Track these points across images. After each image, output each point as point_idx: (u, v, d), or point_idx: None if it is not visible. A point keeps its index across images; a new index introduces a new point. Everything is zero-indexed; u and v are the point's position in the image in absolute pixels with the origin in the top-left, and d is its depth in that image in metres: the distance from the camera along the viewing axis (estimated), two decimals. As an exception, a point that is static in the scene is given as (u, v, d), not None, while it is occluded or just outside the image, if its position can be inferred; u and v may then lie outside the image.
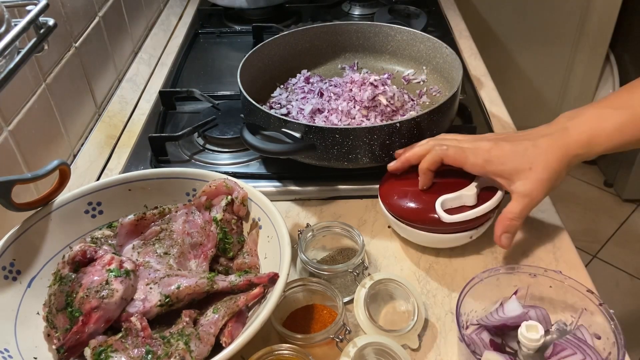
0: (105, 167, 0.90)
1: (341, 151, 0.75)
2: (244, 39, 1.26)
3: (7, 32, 0.53)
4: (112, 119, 1.01)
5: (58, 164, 0.64)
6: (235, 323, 0.58)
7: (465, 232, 0.69)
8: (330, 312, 0.63)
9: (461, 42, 1.21)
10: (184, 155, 0.90)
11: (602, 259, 2.03)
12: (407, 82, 0.99)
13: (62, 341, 0.56)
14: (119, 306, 0.57)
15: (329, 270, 0.65)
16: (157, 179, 0.71)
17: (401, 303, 0.67)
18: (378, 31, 1.01)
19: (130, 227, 0.66)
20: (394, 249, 0.75)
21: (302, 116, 0.87)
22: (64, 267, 0.61)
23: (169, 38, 1.28)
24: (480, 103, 1.00)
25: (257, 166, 0.87)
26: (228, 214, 0.68)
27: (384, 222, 0.78)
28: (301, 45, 1.01)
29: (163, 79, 1.11)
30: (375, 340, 0.58)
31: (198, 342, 0.55)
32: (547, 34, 2.11)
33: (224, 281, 0.60)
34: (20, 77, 0.77)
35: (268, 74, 0.97)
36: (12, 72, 0.54)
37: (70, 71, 0.92)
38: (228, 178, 0.70)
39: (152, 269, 0.62)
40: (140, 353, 0.54)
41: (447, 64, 0.93)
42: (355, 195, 0.82)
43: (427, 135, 0.78)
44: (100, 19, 1.05)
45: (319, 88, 0.92)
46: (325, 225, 0.70)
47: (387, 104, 0.85)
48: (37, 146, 0.81)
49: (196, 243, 0.66)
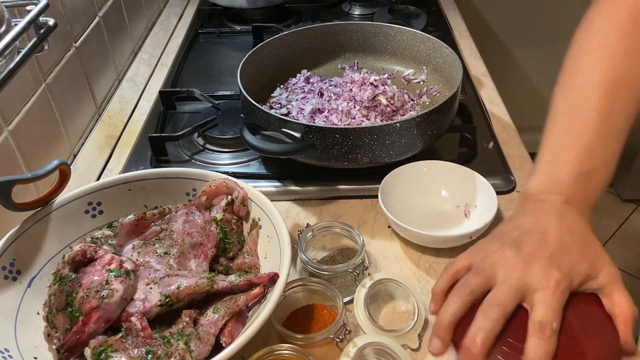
0: (105, 167, 0.90)
1: (341, 151, 0.75)
2: (244, 39, 1.26)
3: (7, 32, 0.53)
4: (112, 119, 1.01)
5: (58, 164, 0.64)
6: (235, 323, 0.58)
7: (465, 232, 0.69)
8: (330, 312, 0.63)
9: (461, 42, 1.21)
10: (184, 155, 0.90)
11: (602, 259, 2.02)
12: (407, 82, 0.99)
13: (62, 341, 0.56)
14: (119, 306, 0.57)
15: (329, 270, 0.65)
16: (157, 179, 0.71)
17: (401, 303, 0.67)
18: (378, 31, 1.01)
19: (130, 227, 0.66)
20: (394, 249, 0.75)
21: (302, 116, 0.87)
22: (64, 267, 0.61)
23: (169, 38, 1.28)
24: (480, 103, 1.00)
25: (257, 166, 0.87)
26: (228, 214, 0.68)
27: (384, 222, 0.78)
28: (301, 45, 1.01)
29: (163, 79, 1.11)
30: (375, 340, 0.58)
31: (198, 342, 0.55)
32: (547, 34, 2.10)
33: (224, 281, 0.60)
34: (20, 77, 0.77)
35: (268, 74, 0.97)
36: (12, 72, 0.54)
37: (70, 71, 0.92)
38: (228, 178, 0.70)
39: (152, 269, 0.62)
40: (140, 353, 0.54)
41: (447, 64, 0.93)
42: (355, 195, 0.82)
43: (427, 135, 0.78)
44: (100, 19, 1.05)
45: (319, 88, 0.92)
46: (325, 225, 0.70)
47: (387, 104, 0.85)
48: (37, 146, 0.81)
49: (196, 243, 0.66)
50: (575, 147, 0.58)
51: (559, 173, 0.57)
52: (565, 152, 0.58)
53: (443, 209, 0.78)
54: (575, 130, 0.58)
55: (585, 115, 0.59)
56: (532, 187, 0.59)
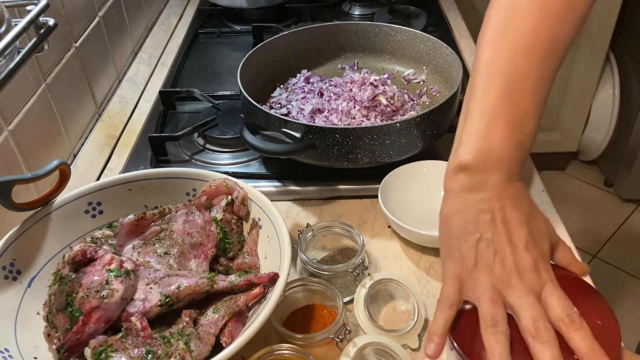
0: (105, 167, 0.90)
1: (341, 151, 0.75)
2: (244, 39, 1.26)
3: (7, 32, 0.53)
4: (112, 119, 1.01)
5: (58, 164, 0.64)
6: (235, 323, 0.58)
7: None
8: (330, 312, 0.63)
9: (461, 42, 1.21)
10: (184, 155, 0.90)
11: (602, 259, 2.02)
12: (407, 82, 0.99)
13: (62, 341, 0.56)
14: (119, 306, 0.57)
15: (329, 270, 0.65)
16: (157, 179, 0.71)
17: (401, 303, 0.67)
18: (378, 31, 1.01)
19: (130, 227, 0.66)
20: (394, 249, 0.75)
21: (302, 116, 0.87)
22: (64, 267, 0.61)
23: (169, 38, 1.28)
24: (480, 103, 1.00)
25: (257, 166, 0.87)
26: (228, 214, 0.68)
27: (384, 222, 0.78)
28: (301, 45, 1.01)
29: (163, 79, 1.11)
30: (375, 340, 0.58)
31: (198, 342, 0.55)
32: (547, 34, 2.10)
33: (224, 281, 0.60)
34: (20, 77, 0.77)
35: (268, 74, 0.97)
36: (12, 72, 0.54)
37: (70, 71, 0.92)
38: (228, 178, 0.70)
39: (152, 269, 0.62)
40: (141, 353, 0.54)
41: (447, 64, 0.93)
42: (355, 195, 0.82)
43: (427, 135, 0.78)
44: (100, 19, 1.05)
45: (319, 88, 0.92)
46: (325, 225, 0.70)
47: (387, 104, 0.85)
48: (37, 146, 0.81)
49: (196, 243, 0.66)
50: (510, 118, 0.56)
51: (495, 146, 0.56)
52: (499, 123, 0.56)
53: (443, 209, 0.78)
54: (511, 100, 0.56)
55: (520, 83, 0.57)
56: (464, 158, 0.57)
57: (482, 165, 0.56)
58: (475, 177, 0.56)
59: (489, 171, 0.56)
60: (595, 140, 2.22)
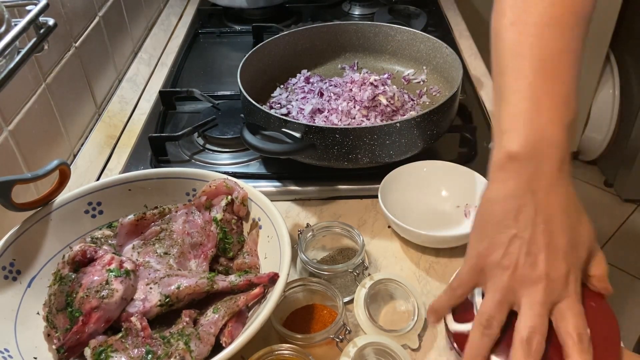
0: (105, 167, 0.90)
1: (341, 151, 0.75)
2: (244, 39, 1.26)
3: (7, 32, 0.53)
4: (112, 119, 1.01)
5: (58, 164, 0.64)
6: (235, 323, 0.58)
7: (465, 232, 0.69)
8: (330, 312, 0.63)
9: (461, 42, 1.21)
10: (184, 155, 0.90)
11: (602, 259, 2.02)
12: (407, 82, 0.99)
13: (62, 341, 0.56)
14: (119, 306, 0.57)
15: (329, 270, 0.65)
16: (157, 179, 0.71)
17: (401, 303, 0.67)
18: (378, 31, 1.01)
19: (130, 227, 0.66)
20: (394, 249, 0.75)
21: (302, 116, 0.87)
22: (64, 267, 0.61)
23: (169, 38, 1.28)
24: (481, 103, 1.00)
25: (257, 166, 0.87)
26: (228, 214, 0.68)
27: (384, 222, 0.78)
28: (301, 45, 1.01)
29: (163, 79, 1.11)
30: (375, 340, 0.58)
31: (198, 342, 0.55)
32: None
33: (224, 281, 0.60)
34: (20, 77, 0.77)
35: (268, 74, 0.97)
36: (12, 72, 0.54)
37: (70, 71, 0.92)
38: (228, 178, 0.70)
39: (152, 269, 0.62)
40: (140, 353, 0.54)
41: (447, 64, 0.93)
42: (355, 195, 0.82)
43: (427, 135, 0.78)
44: (100, 19, 1.05)
45: (319, 88, 0.92)
46: (325, 225, 0.70)
47: (387, 104, 0.85)
48: (37, 146, 0.81)
49: (196, 243, 0.66)
50: (554, 98, 0.51)
51: (545, 131, 0.50)
52: (544, 105, 0.51)
53: (443, 209, 0.78)
54: (550, 78, 0.51)
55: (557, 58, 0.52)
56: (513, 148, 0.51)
57: (533, 153, 0.50)
58: (527, 167, 0.50)
59: (541, 160, 0.50)
60: (595, 140, 2.22)
